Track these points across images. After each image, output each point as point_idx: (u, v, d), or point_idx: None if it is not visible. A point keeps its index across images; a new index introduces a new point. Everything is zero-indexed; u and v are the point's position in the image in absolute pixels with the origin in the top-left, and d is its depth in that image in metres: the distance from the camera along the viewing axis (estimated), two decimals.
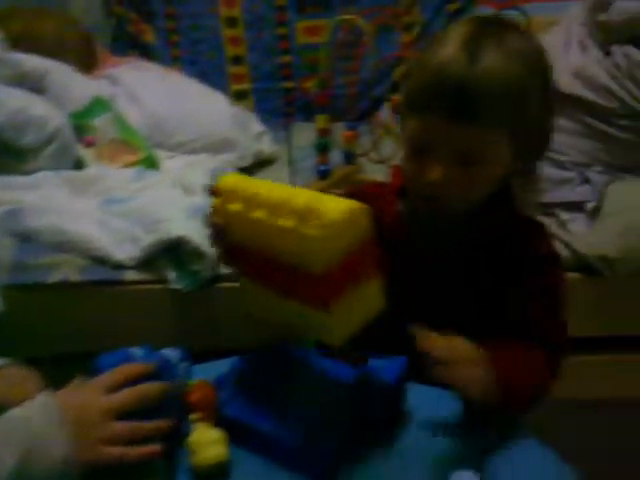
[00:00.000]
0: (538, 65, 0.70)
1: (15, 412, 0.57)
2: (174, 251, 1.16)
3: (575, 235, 1.31)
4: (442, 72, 0.67)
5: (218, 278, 1.20)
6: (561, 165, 1.34)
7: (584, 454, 1.41)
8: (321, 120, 1.41)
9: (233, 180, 0.65)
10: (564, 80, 1.30)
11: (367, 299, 0.63)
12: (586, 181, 1.34)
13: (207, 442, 0.62)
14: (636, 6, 1.17)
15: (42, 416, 0.57)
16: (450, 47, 0.68)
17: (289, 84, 2.09)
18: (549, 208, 1.36)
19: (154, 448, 0.59)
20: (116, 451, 0.57)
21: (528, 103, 0.68)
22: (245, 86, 2.09)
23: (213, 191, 0.66)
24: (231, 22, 2.04)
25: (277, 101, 2.07)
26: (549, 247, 0.81)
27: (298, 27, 2.03)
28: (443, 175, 0.69)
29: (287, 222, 0.59)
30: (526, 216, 0.82)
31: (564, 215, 1.33)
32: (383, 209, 0.82)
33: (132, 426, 0.59)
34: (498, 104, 0.66)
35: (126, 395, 0.60)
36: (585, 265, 1.30)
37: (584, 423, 1.41)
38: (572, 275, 1.31)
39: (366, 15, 1.49)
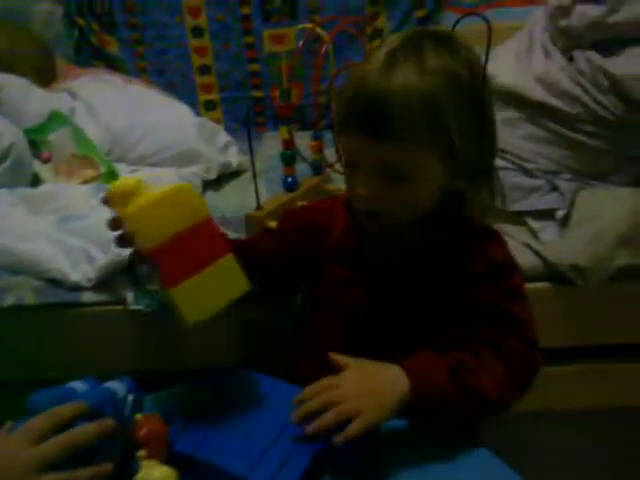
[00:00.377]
0: (458, 82, 0.68)
1: None
2: (132, 270, 1.12)
3: (545, 244, 1.30)
4: (358, 87, 0.68)
5: None
6: (529, 173, 1.33)
7: (558, 463, 1.42)
8: (284, 131, 1.38)
9: (121, 184, 0.69)
10: (529, 87, 1.29)
11: (221, 280, 0.68)
12: (555, 189, 1.33)
13: None
14: (596, 11, 1.16)
15: None
16: (373, 61, 0.69)
17: (258, 93, 2.08)
18: (519, 217, 1.34)
19: None
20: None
21: (446, 120, 0.67)
22: (214, 96, 2.08)
23: (105, 200, 0.70)
24: (197, 32, 2.02)
25: (245, 110, 2.05)
26: (506, 253, 0.81)
27: (265, 35, 2.01)
28: (367, 190, 0.70)
29: (121, 209, 0.67)
30: (480, 225, 0.81)
31: (534, 224, 1.32)
32: (333, 222, 0.84)
33: (65, 477, 0.55)
34: (408, 120, 0.65)
35: (54, 444, 0.56)
36: (556, 274, 1.28)
37: (557, 433, 1.41)
38: (544, 285, 1.29)
39: (328, 23, 1.46)
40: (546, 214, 1.31)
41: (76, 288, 1.13)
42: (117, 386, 0.66)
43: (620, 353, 1.37)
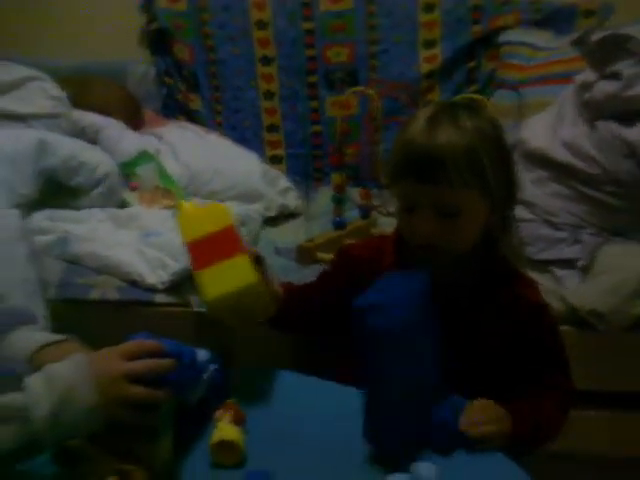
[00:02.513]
0: (487, 135, 0.86)
1: (54, 366, 0.70)
2: None
3: (568, 290, 1.42)
4: (408, 146, 0.85)
5: None
6: (555, 226, 1.47)
7: None
8: (336, 177, 1.59)
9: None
10: (556, 150, 1.46)
11: (236, 272, 0.86)
12: (578, 241, 1.46)
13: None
14: (614, 87, 1.34)
15: (75, 370, 0.69)
16: (415, 125, 0.86)
17: (318, 152, 2.28)
18: (545, 265, 1.48)
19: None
20: (141, 390, 0.70)
21: (482, 164, 0.84)
22: (280, 151, 2.29)
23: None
24: (268, 95, 2.27)
25: (307, 166, 2.27)
26: (539, 296, 0.97)
27: (328, 101, 2.25)
28: (429, 228, 0.85)
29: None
30: (513, 268, 0.96)
31: (558, 272, 1.45)
32: (381, 257, 0.98)
33: (147, 392, 0.71)
34: (456, 167, 0.82)
35: (143, 364, 0.72)
36: (579, 319, 1.39)
37: (573, 477, 1.44)
38: (567, 328, 1.38)
39: (384, 90, 1.68)
40: (569, 263, 1.44)
41: (151, 289, 1.33)
42: (200, 352, 0.81)
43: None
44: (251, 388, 0.92)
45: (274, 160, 2.27)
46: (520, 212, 1.50)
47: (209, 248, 0.89)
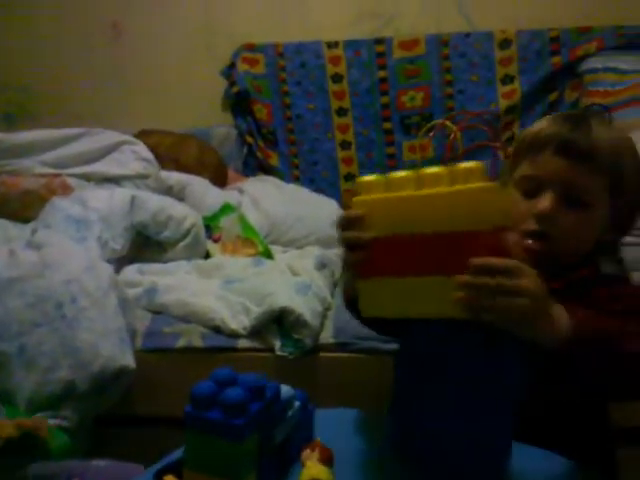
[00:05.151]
0: (628, 141, 0.81)
1: None
2: (280, 321, 1.31)
3: None
4: (547, 130, 0.79)
5: (319, 348, 1.32)
6: None
7: None
8: None
9: (369, 179, 0.66)
10: None
11: (427, 293, 0.61)
12: None
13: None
14: None
15: None
16: (549, 123, 0.80)
17: None
18: None
19: None
20: None
21: (623, 165, 0.78)
22: None
23: (351, 191, 0.79)
24: (345, 145, 2.31)
25: None
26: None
27: (404, 146, 2.25)
28: (552, 205, 0.75)
29: (446, 187, 0.59)
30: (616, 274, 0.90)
31: None
32: None
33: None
34: (599, 152, 0.76)
35: None
36: None
37: None
38: None
39: (463, 121, 1.64)
40: None
41: (234, 335, 1.33)
42: (284, 388, 0.74)
43: None
44: (334, 428, 0.87)
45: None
46: None
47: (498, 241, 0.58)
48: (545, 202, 0.76)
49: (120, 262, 1.52)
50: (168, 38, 2.35)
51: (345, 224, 0.66)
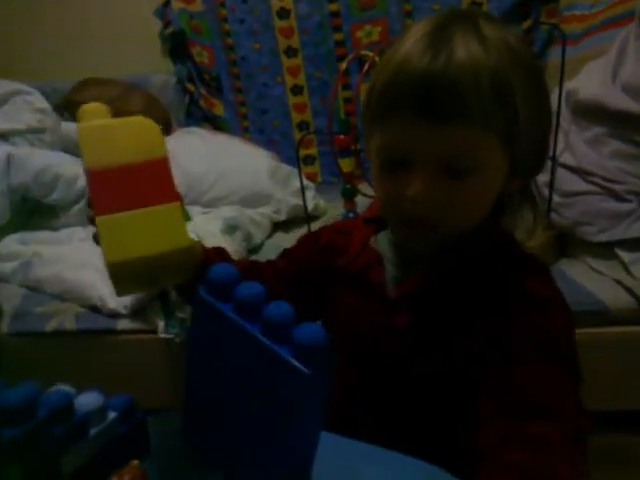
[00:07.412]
0: (520, 54, 0.55)
1: None
2: (164, 298, 1.11)
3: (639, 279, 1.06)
4: (406, 64, 0.54)
5: None
6: (617, 196, 1.12)
7: None
8: (346, 164, 1.32)
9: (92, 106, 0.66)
10: (613, 96, 1.11)
11: (158, 226, 0.61)
12: None
13: None
14: None
15: None
16: (413, 39, 0.55)
17: (356, 146, 2.05)
18: (607, 249, 1.13)
19: None
20: None
21: (514, 99, 0.54)
22: (312, 151, 2.10)
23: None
24: (296, 90, 2.07)
25: None
26: (553, 290, 0.61)
27: (363, 89, 2.00)
28: (425, 187, 0.55)
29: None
30: (526, 254, 0.64)
31: (625, 256, 1.09)
32: (349, 241, 0.73)
33: None
34: (478, 97, 0.52)
35: None
36: None
37: None
38: (638, 329, 1.06)
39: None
40: (638, 243, 1.08)
41: (113, 315, 1.14)
42: (89, 395, 0.59)
43: None
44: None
45: (306, 161, 2.10)
46: (573, 184, 1.18)
47: (126, 185, 0.60)
48: (415, 186, 0.55)
49: (0, 232, 1.32)
50: None
51: None
